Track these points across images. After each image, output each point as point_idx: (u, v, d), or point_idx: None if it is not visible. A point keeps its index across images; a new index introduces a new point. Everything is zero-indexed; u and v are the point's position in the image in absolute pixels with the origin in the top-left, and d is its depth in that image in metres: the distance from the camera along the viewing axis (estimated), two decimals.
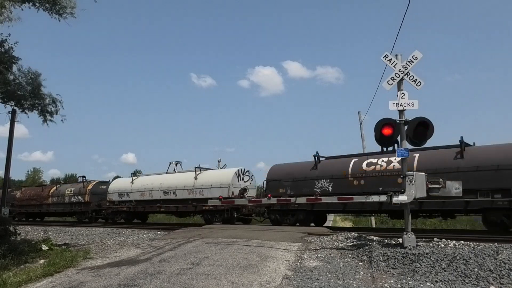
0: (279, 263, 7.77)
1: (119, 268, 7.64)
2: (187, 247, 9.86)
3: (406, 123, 8.86)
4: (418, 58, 9.05)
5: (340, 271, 7.11)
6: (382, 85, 9.38)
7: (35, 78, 12.40)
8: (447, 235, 10.77)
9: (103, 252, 10.82)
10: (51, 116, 12.68)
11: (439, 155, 13.78)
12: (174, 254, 8.79)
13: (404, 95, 8.97)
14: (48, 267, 8.01)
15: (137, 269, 7.39)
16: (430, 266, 7.02)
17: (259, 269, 7.09)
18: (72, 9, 11.52)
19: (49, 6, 11.28)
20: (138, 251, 10.13)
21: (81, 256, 9.59)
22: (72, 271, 7.96)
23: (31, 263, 9.39)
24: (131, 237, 15.11)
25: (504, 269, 6.48)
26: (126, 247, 11.59)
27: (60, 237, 16.72)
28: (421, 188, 8.41)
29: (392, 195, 8.58)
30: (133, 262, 8.29)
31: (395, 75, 9.12)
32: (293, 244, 10.21)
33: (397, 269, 7.21)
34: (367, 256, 8.19)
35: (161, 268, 7.36)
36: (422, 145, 9.20)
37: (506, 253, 7.25)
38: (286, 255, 8.68)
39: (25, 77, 12.22)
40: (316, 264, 7.83)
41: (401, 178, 8.88)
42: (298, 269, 7.30)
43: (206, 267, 7.25)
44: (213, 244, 10.08)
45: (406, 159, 8.92)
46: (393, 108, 8.98)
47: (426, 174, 8.70)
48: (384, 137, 8.99)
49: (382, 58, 9.39)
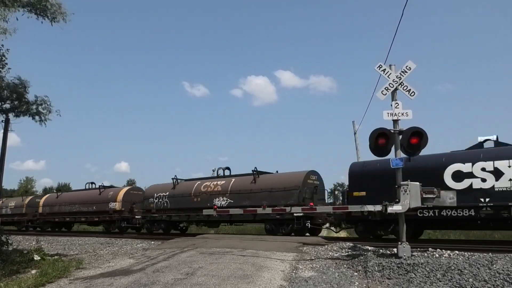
0: (274, 273, 7.73)
1: (112, 279, 7.56)
2: (181, 257, 9.79)
3: (400, 133, 8.91)
4: (412, 68, 9.13)
5: (335, 281, 7.08)
6: (376, 95, 9.45)
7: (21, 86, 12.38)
8: (442, 245, 10.77)
9: (96, 262, 10.70)
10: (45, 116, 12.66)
11: (243, 180, 19.14)
12: (168, 264, 8.72)
13: (398, 105, 9.02)
14: (40, 278, 7.90)
15: (130, 280, 7.31)
16: (425, 276, 7.01)
17: (254, 279, 7.05)
18: (63, 14, 11.55)
19: (39, 12, 11.32)
20: (132, 261, 10.03)
21: (74, 266, 9.48)
22: (64, 281, 7.86)
23: (22, 273, 9.25)
24: (124, 247, 14.97)
25: (499, 279, 6.48)
26: (120, 257, 11.47)
27: (52, 247, 16.53)
28: (416, 197, 8.43)
29: (387, 204, 8.58)
30: (126, 272, 8.21)
31: (389, 85, 9.18)
32: (288, 254, 10.16)
33: (392, 279, 7.19)
34: (362, 266, 8.17)
35: (155, 278, 7.29)
36: (416, 154, 9.24)
37: (500, 263, 7.27)
38: (281, 265, 8.64)
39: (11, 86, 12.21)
40: (311, 274, 7.79)
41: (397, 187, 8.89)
42: (293, 279, 7.26)
43: (201, 277, 7.19)
44: (207, 254, 10.01)
45: (401, 169, 8.95)
46: (387, 118, 9.03)
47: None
48: (378, 147, 9.02)
49: (376, 68, 9.46)
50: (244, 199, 18.42)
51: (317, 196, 17.57)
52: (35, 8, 11.00)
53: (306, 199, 16.93)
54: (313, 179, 18.17)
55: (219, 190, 19.65)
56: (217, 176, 21.41)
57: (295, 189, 17.14)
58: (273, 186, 17.90)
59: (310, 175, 18.02)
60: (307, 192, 17.23)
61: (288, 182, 17.61)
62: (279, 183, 17.92)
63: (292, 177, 17.97)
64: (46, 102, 12.64)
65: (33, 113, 12.37)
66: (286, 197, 17.06)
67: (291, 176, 18.28)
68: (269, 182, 18.32)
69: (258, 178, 18.76)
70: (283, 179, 18.16)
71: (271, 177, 19.00)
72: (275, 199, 17.17)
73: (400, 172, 8.95)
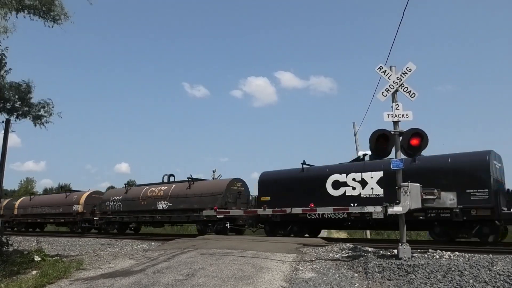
0: (274, 274, 7.73)
1: (113, 280, 7.56)
2: (181, 258, 9.79)
3: (400, 134, 8.92)
4: (412, 69, 9.14)
5: (336, 282, 7.09)
6: (376, 96, 9.47)
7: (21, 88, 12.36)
8: (442, 246, 10.78)
9: (96, 263, 10.70)
10: (46, 119, 12.62)
11: (180, 186, 21.50)
12: (169, 265, 8.72)
13: (399, 106, 9.04)
14: (41, 278, 7.90)
15: (131, 281, 7.32)
16: (425, 277, 7.01)
17: (254, 281, 7.05)
18: (66, 15, 11.53)
19: (43, 14, 11.28)
20: (132, 262, 10.04)
21: (74, 267, 9.48)
22: (65, 282, 7.86)
23: (23, 274, 9.25)
24: (125, 248, 14.97)
25: (499, 281, 6.49)
26: (120, 258, 11.47)
27: (52, 248, 16.53)
28: (416, 199, 8.44)
29: (387, 206, 8.59)
30: (126, 273, 8.21)
31: (390, 86, 9.20)
32: (288, 255, 10.17)
33: (393, 280, 7.20)
34: (362, 267, 8.17)
35: (155, 279, 7.30)
36: (416, 156, 9.24)
37: (501, 264, 7.27)
38: (281, 266, 8.64)
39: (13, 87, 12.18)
40: (312, 275, 7.80)
41: (397, 189, 8.89)
42: (293, 281, 7.26)
43: (201, 278, 7.20)
44: (207, 255, 10.02)
45: (401, 170, 8.95)
46: (388, 119, 9.04)
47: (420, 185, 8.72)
48: (379, 148, 9.03)
49: (376, 69, 9.48)
50: (181, 202, 20.89)
51: (241, 200, 19.89)
52: (38, 10, 10.96)
53: (228, 203, 19.34)
54: (237, 185, 20.61)
55: (161, 195, 22.16)
56: (161, 182, 23.89)
57: (219, 194, 19.52)
58: (203, 192, 20.41)
59: (234, 182, 20.53)
60: (230, 197, 19.68)
61: (214, 188, 20.13)
62: (208, 189, 20.42)
63: (217, 184, 20.67)
64: (49, 105, 12.59)
65: (35, 116, 12.33)
66: (213, 201, 19.24)
67: (217, 183, 21.13)
68: (200, 188, 20.74)
69: (193, 184, 21.11)
70: (211, 186, 20.74)
71: (202, 184, 21.44)
72: (204, 203, 19.49)
73: (400, 174, 8.95)
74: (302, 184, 16.67)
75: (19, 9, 10.73)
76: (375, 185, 14.82)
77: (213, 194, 19.81)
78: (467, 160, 13.38)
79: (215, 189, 20.11)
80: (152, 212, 22.20)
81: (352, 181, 15.38)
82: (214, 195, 19.73)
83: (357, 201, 14.79)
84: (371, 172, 14.97)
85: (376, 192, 14.76)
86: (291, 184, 17.11)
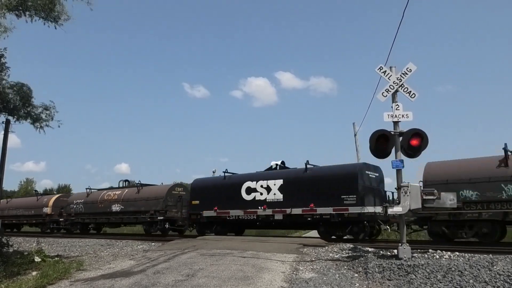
0: (275, 274, 7.73)
1: (113, 280, 7.56)
2: (181, 258, 9.80)
3: (400, 135, 8.92)
4: (412, 70, 9.15)
5: (336, 283, 7.09)
6: (376, 96, 9.47)
7: (24, 88, 12.31)
8: (442, 246, 10.79)
9: (96, 264, 10.70)
10: (46, 123, 12.57)
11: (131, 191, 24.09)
12: (169, 266, 8.73)
13: (399, 106, 9.04)
14: (41, 279, 7.90)
15: (131, 281, 7.32)
16: (426, 277, 7.02)
17: (255, 281, 7.06)
18: (66, 14, 11.49)
19: (44, 15, 11.24)
20: (132, 262, 10.04)
21: (74, 268, 9.48)
22: (65, 283, 7.86)
23: (23, 275, 9.24)
24: (125, 249, 14.98)
25: (499, 281, 6.49)
26: (120, 259, 11.48)
27: (52, 248, 16.53)
28: (416, 199, 8.44)
29: (387, 206, 8.60)
30: (127, 273, 8.22)
31: (390, 87, 9.20)
32: (288, 255, 10.17)
33: (393, 280, 7.20)
34: (362, 268, 8.18)
35: (155, 280, 7.30)
36: (416, 156, 9.25)
37: (501, 264, 7.28)
38: (281, 266, 8.65)
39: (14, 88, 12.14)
40: (312, 275, 7.80)
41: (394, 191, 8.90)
42: (293, 281, 7.27)
43: (201, 279, 7.20)
44: (208, 256, 10.02)
45: (401, 170, 8.96)
46: (388, 119, 9.04)
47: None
48: (379, 148, 9.04)
49: (376, 70, 9.48)
50: (131, 205, 23.30)
51: (181, 204, 21.56)
52: (39, 11, 10.91)
53: (169, 206, 21.55)
54: (178, 190, 22.85)
55: (115, 199, 24.57)
56: (117, 187, 26.76)
57: (161, 198, 21.76)
58: (148, 196, 22.71)
59: (176, 187, 23.13)
60: (171, 201, 21.81)
61: (157, 193, 22.38)
62: (152, 193, 22.68)
63: (160, 189, 22.94)
64: (50, 108, 12.53)
65: (35, 118, 12.29)
66: (156, 204, 21.85)
67: (160, 188, 23.32)
68: (147, 192, 23.06)
69: (141, 189, 23.44)
70: (155, 190, 23.00)
71: (149, 188, 23.65)
72: (149, 206, 22.14)
73: (401, 174, 8.96)
74: (224, 190, 19.31)
75: (19, 9, 10.69)
76: (277, 191, 17.24)
77: (156, 198, 22.12)
78: (343, 171, 15.94)
79: (158, 194, 22.34)
80: (108, 214, 24.74)
81: (260, 188, 17.78)
82: (157, 199, 22.05)
83: (264, 204, 17.39)
84: (274, 180, 17.51)
85: (277, 197, 17.18)
86: (215, 190, 19.65)
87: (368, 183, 15.86)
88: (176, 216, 21.39)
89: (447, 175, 13.67)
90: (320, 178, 16.33)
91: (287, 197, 16.74)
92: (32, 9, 10.84)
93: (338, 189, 15.32)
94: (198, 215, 19.56)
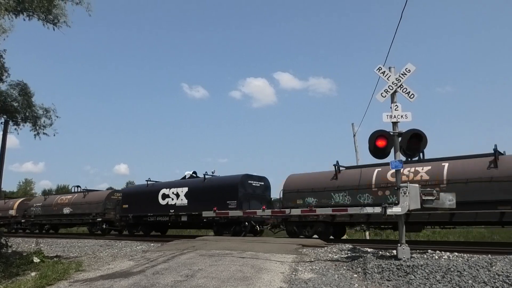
0: (274, 275, 7.74)
1: (112, 281, 7.56)
2: (181, 259, 9.80)
3: (399, 135, 8.93)
4: (411, 70, 9.16)
5: (335, 283, 7.09)
6: (375, 97, 9.48)
7: (25, 89, 12.29)
8: (441, 247, 10.80)
9: (95, 264, 10.69)
10: (44, 128, 12.53)
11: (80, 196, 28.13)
12: (168, 266, 8.73)
13: (398, 107, 9.05)
14: (40, 280, 7.89)
15: (130, 282, 7.32)
16: (425, 278, 7.02)
17: (254, 281, 7.06)
18: (65, 17, 11.46)
19: (43, 16, 11.22)
20: (131, 263, 10.04)
21: (74, 269, 9.46)
22: (64, 283, 7.85)
23: (22, 275, 9.24)
24: (124, 249, 14.97)
25: (498, 281, 6.50)
26: (119, 259, 11.47)
27: (51, 249, 16.53)
28: (415, 199, 8.45)
29: (387, 206, 8.60)
30: (126, 274, 8.21)
31: (389, 87, 9.21)
32: (287, 256, 10.17)
33: (392, 281, 7.21)
34: (361, 268, 8.18)
35: (154, 280, 7.30)
36: (415, 156, 9.26)
37: (499, 264, 7.28)
38: (280, 267, 8.65)
39: (15, 88, 12.11)
40: (311, 276, 7.80)
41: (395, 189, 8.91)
42: (292, 281, 7.27)
43: (200, 280, 7.20)
44: (207, 256, 10.02)
45: (400, 170, 8.97)
46: (387, 120, 9.05)
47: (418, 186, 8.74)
48: (377, 149, 9.04)
49: (375, 70, 9.49)
50: (78, 208, 27.43)
51: (119, 207, 24.38)
52: (37, 12, 10.89)
53: (107, 209, 25.68)
54: (117, 195, 26.30)
55: (66, 202, 28.65)
56: (70, 192, 32.80)
57: (100, 202, 26.13)
58: (92, 200, 26.92)
59: (114, 193, 27.14)
60: (109, 204, 25.77)
61: (98, 198, 26.78)
62: (94, 198, 27.07)
63: (101, 194, 27.41)
64: (50, 112, 12.49)
65: (34, 122, 12.25)
66: (96, 207, 26.23)
67: (100, 193, 27.83)
68: (90, 197, 27.37)
69: (87, 194, 27.85)
70: (97, 195, 27.42)
71: (92, 194, 27.94)
72: (91, 209, 26.43)
73: (400, 174, 8.97)
74: (146, 195, 22.67)
75: (17, 10, 10.67)
76: (183, 197, 20.49)
77: (97, 202, 26.30)
78: (227, 181, 19.44)
79: (98, 199, 26.57)
80: (60, 216, 28.67)
81: (172, 194, 21.09)
82: (97, 203, 26.25)
83: (174, 208, 20.75)
84: (182, 188, 20.80)
85: (184, 202, 20.48)
86: (140, 195, 23.15)
87: (251, 190, 19.26)
88: (113, 218, 25.15)
89: (298, 185, 17.10)
90: (213, 187, 19.81)
91: (191, 201, 20.15)
92: (30, 10, 10.82)
93: (224, 196, 18.58)
94: (127, 217, 23.16)
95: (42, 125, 12.46)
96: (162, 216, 21.31)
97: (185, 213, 20.10)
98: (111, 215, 25.19)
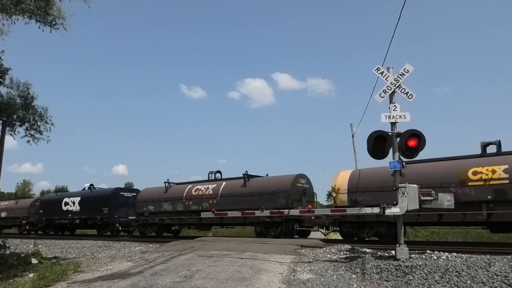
0: (272, 275, 7.72)
1: (110, 282, 7.54)
2: (179, 260, 9.78)
3: (398, 135, 8.92)
4: (410, 71, 9.15)
5: (334, 284, 7.08)
6: (374, 97, 9.46)
7: (27, 90, 12.23)
8: (440, 247, 10.80)
9: (94, 266, 10.66)
10: (41, 134, 12.41)
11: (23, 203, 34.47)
12: (166, 267, 8.71)
13: (396, 107, 9.05)
14: (38, 281, 7.87)
15: (128, 283, 7.30)
16: (423, 278, 7.02)
17: (252, 282, 7.04)
18: (63, 19, 11.37)
19: (40, 18, 11.14)
20: (130, 264, 10.01)
21: (72, 270, 9.44)
22: (62, 285, 7.83)
23: (20, 277, 9.20)
24: (122, 250, 14.94)
25: (497, 281, 6.51)
26: (118, 260, 11.44)
27: (50, 250, 16.47)
28: (414, 200, 8.45)
29: (385, 207, 8.59)
30: (124, 275, 8.19)
31: (387, 88, 9.21)
32: (286, 256, 10.16)
33: (390, 281, 7.21)
34: (360, 269, 8.18)
35: (153, 281, 7.28)
36: (414, 157, 9.25)
37: (498, 265, 7.28)
38: (279, 267, 8.64)
39: (17, 89, 12.05)
40: (310, 276, 7.79)
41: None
42: (291, 282, 7.25)
43: (199, 280, 7.19)
44: (205, 257, 10.00)
45: (399, 171, 8.97)
46: (385, 120, 9.04)
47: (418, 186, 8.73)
48: (376, 149, 9.04)
49: (374, 71, 9.48)
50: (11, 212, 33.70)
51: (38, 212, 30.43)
52: (35, 14, 10.80)
53: (31, 214, 31.20)
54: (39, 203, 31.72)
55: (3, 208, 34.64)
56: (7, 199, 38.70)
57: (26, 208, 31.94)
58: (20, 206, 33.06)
59: (38, 200, 32.70)
60: (33, 210, 31.19)
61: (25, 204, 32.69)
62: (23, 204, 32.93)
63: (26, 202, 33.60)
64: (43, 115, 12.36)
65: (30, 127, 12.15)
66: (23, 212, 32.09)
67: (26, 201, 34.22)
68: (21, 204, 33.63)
69: (19, 201, 34.39)
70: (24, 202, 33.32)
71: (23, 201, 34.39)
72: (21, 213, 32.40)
73: (398, 175, 8.97)
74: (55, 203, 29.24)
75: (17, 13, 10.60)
76: (77, 204, 27.30)
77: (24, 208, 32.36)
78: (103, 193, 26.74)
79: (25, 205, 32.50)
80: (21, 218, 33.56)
81: (71, 202, 27.78)
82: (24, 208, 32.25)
83: (71, 213, 27.34)
84: (77, 197, 27.84)
85: (77, 208, 27.23)
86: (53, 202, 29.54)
87: (122, 200, 25.61)
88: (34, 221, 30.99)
89: None
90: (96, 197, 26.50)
91: (83, 208, 26.88)
92: (26, 12, 10.75)
93: (101, 204, 25.31)
94: (42, 220, 29.70)
95: (39, 130, 12.37)
96: (64, 219, 27.99)
97: (78, 217, 26.75)
98: (34, 218, 30.92)
